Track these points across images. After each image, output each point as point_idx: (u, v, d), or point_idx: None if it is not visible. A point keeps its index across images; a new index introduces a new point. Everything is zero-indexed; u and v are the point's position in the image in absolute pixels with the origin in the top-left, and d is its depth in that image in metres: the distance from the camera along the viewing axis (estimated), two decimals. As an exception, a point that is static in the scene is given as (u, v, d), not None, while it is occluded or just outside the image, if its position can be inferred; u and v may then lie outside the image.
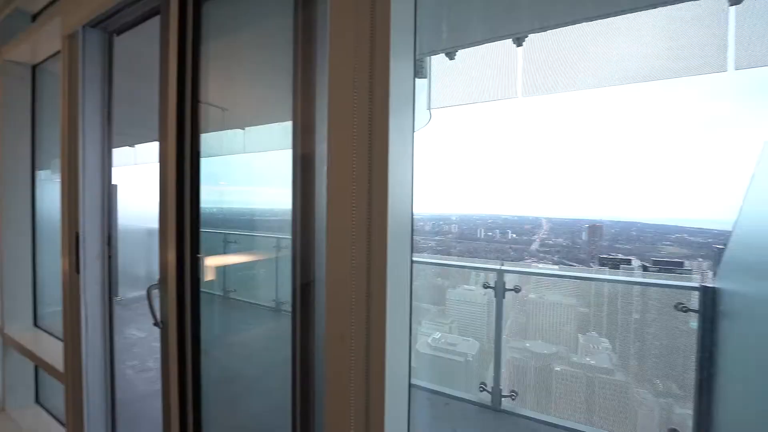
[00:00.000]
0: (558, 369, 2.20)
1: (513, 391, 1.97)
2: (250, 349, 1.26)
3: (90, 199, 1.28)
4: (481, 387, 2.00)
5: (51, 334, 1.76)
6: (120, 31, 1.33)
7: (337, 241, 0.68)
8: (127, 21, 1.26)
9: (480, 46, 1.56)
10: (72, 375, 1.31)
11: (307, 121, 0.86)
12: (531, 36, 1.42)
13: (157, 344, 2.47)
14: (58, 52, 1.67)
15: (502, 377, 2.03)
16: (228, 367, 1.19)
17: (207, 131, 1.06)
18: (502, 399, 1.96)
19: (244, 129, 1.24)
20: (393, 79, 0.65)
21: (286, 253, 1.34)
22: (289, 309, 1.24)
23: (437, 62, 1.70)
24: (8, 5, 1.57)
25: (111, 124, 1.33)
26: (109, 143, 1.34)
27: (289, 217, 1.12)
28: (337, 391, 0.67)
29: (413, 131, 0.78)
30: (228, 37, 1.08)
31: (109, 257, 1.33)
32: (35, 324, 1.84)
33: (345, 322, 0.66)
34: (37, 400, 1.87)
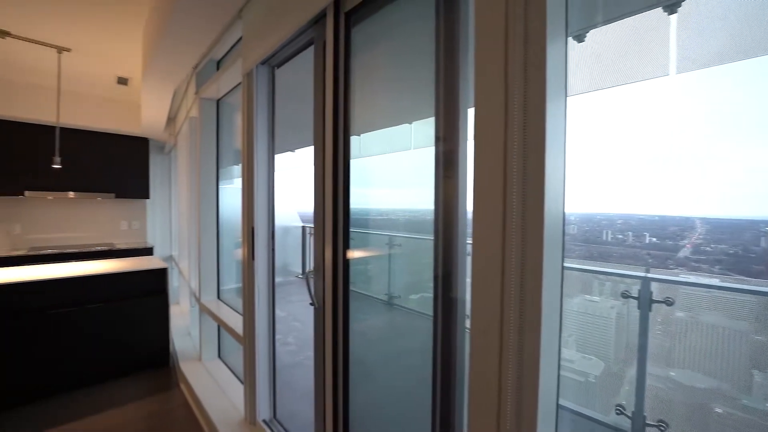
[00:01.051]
0: (719, 411, 1.75)
1: (661, 421, 1.67)
2: (374, 335, 1.38)
3: (260, 200, 1.62)
4: (617, 410, 1.75)
5: (228, 305, 2.29)
6: (280, 65, 1.64)
7: (485, 238, 0.68)
8: (286, 56, 1.55)
9: (613, 24, 1.38)
10: (249, 339, 1.67)
11: (450, 119, 0.87)
12: (689, -1, 1.19)
13: (296, 323, 2.88)
14: (233, 88, 2.16)
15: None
16: (361, 349, 1.33)
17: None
18: (646, 428, 1.68)
19: (359, 135, 1.32)
20: (549, 65, 0.63)
21: (398, 251, 1.43)
22: (401, 303, 1.32)
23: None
24: (205, 57, 2.11)
25: (274, 140, 1.65)
26: (272, 155, 1.67)
27: (400, 216, 1.19)
28: (482, 383, 0.68)
29: (566, 123, 0.74)
30: (372, 52, 1.18)
31: (273, 249, 1.65)
32: (218, 297, 2.42)
33: (493, 320, 0.67)
34: (219, 356, 2.45)
